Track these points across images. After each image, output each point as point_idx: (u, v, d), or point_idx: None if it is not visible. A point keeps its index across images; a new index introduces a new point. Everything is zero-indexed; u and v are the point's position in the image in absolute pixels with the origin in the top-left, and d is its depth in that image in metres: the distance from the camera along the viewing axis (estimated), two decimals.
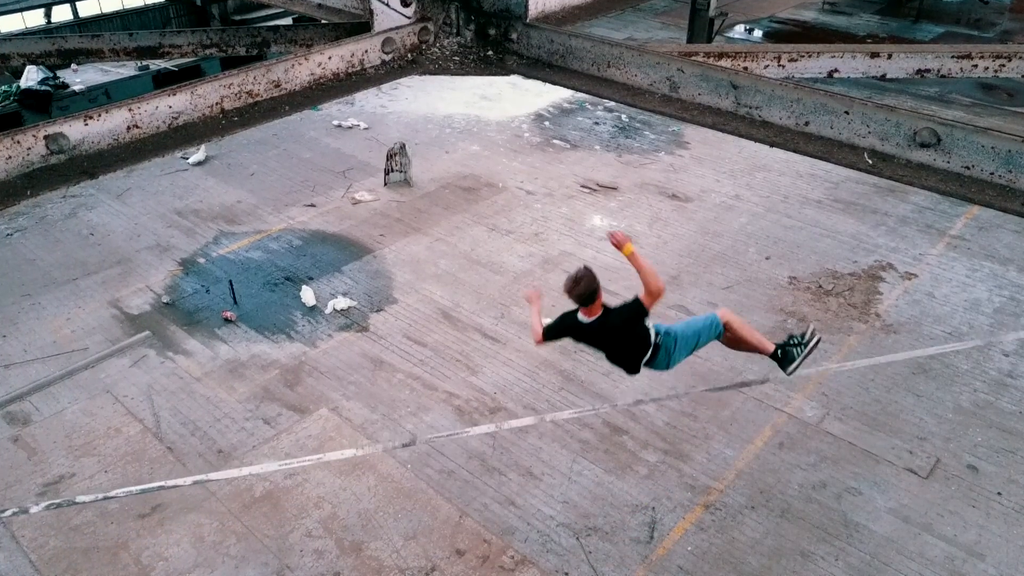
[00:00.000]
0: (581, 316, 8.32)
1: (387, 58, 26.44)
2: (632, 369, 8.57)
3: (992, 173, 19.94)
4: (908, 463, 12.30)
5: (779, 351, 8.70)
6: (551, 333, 8.56)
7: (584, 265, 8.07)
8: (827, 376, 13.94)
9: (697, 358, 13.79)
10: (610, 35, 30.24)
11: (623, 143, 22.45)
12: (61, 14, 34.94)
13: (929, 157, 21.40)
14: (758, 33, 33.41)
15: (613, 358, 8.67)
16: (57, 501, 11.62)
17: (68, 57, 26.00)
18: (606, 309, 8.26)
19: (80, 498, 11.62)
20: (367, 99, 25.25)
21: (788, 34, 32.54)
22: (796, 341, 8.69)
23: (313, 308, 15.62)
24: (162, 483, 11.89)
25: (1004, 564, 10.79)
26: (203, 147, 21.50)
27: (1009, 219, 18.50)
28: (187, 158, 21.31)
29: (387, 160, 20.10)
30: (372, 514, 11.45)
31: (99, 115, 21.65)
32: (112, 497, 11.67)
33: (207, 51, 26.07)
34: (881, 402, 13.42)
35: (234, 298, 15.80)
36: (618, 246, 7.75)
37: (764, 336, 8.73)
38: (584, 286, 8.00)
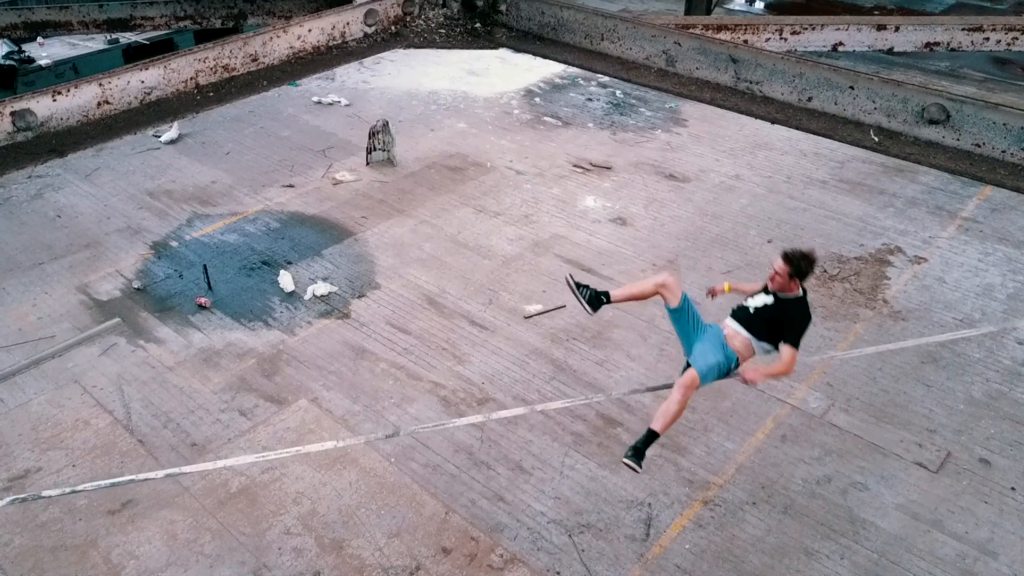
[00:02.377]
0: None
1: (370, 31, 26.35)
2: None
3: (1004, 151, 19.92)
4: (917, 457, 12.30)
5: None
6: None
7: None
8: (832, 365, 13.92)
9: None
10: (604, 7, 30.31)
11: (617, 120, 22.41)
12: None
13: (938, 134, 21.39)
14: (759, 4, 33.40)
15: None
16: (22, 496, 11.54)
17: (34, 29, 25.86)
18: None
19: (47, 493, 11.55)
20: (348, 74, 25.18)
21: (791, 5, 32.54)
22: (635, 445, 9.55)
23: (292, 294, 15.57)
24: (133, 477, 11.80)
25: (1018, 562, 10.79)
26: (176, 124, 21.44)
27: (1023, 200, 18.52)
28: (159, 136, 21.23)
29: (369, 138, 20.04)
30: (354, 510, 11.41)
31: (68, 91, 21.60)
32: (80, 492, 11.59)
33: (181, 23, 25.98)
34: (889, 392, 13.41)
35: (208, 283, 15.72)
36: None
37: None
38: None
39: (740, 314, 9.70)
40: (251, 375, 13.79)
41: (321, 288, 15.61)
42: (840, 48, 24.27)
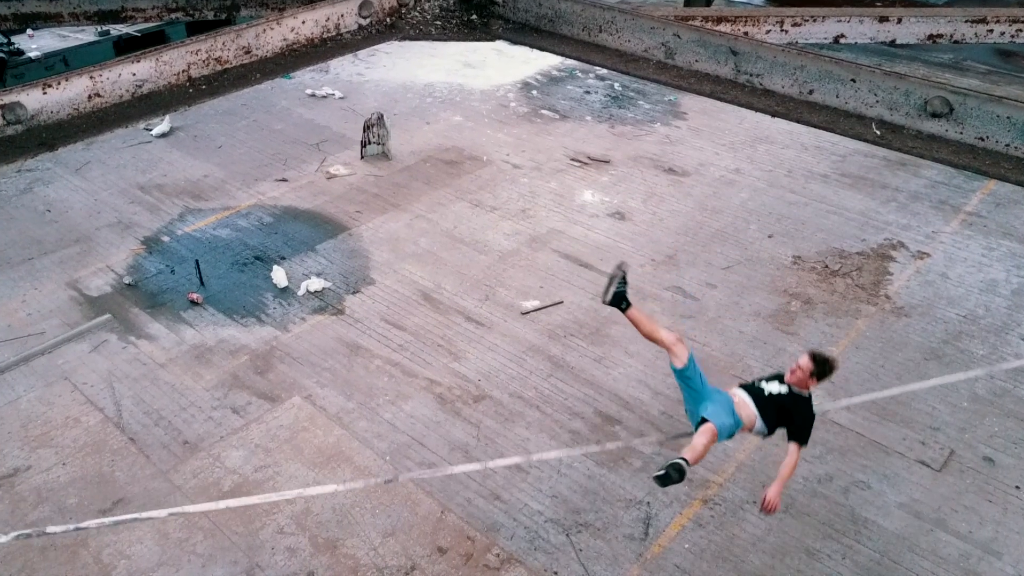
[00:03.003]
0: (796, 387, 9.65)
1: (364, 23, 26.34)
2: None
3: (1008, 145, 19.95)
4: (920, 455, 12.29)
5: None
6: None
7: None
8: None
9: (693, 342, 13.82)
10: None
11: (616, 113, 22.41)
12: None
13: (941, 128, 21.39)
14: None
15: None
16: (12, 495, 11.54)
17: (24, 21, 25.79)
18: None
19: (36, 492, 11.55)
20: (343, 66, 25.15)
21: None
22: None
23: (285, 290, 15.55)
24: (124, 475, 11.82)
25: (1023, 562, 10.79)
26: (167, 117, 21.38)
27: None
28: (151, 129, 21.22)
29: (364, 131, 20.02)
30: (348, 509, 11.41)
31: (59, 83, 21.57)
32: (71, 491, 11.60)
33: (173, 15, 25.91)
34: (891, 390, 13.39)
35: (200, 279, 15.71)
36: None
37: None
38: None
39: (753, 391, 9.71)
40: (244, 372, 13.77)
41: (315, 284, 15.60)
42: (842, 40, 24.21)
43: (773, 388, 9.67)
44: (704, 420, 9.43)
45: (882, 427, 12.74)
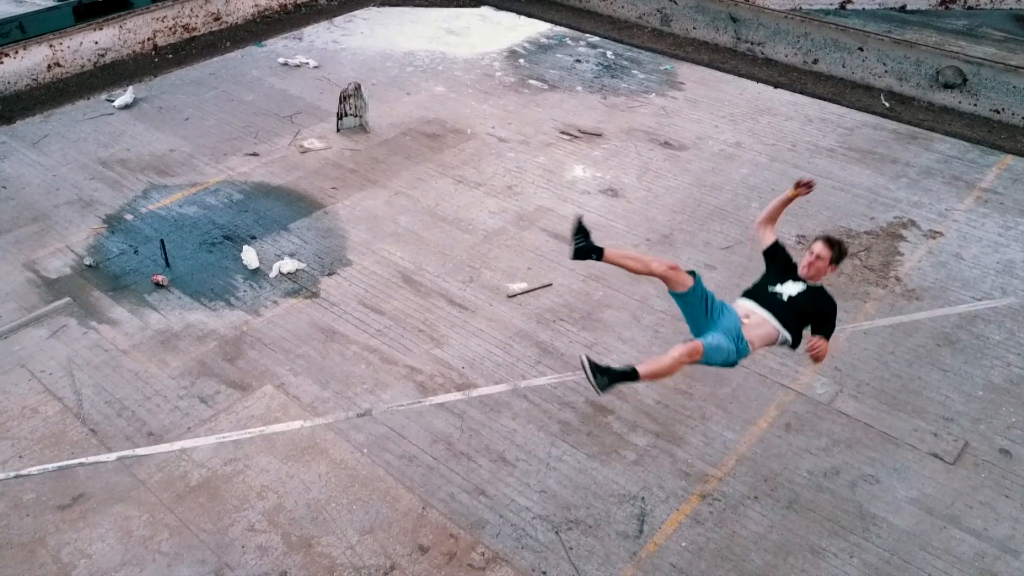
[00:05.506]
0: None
1: None
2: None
3: None
4: (932, 447, 12.29)
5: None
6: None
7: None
8: (840, 348, 13.90)
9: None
10: None
11: (608, 83, 22.36)
12: None
13: (954, 99, 21.35)
14: None
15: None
16: None
17: None
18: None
19: None
20: (318, 34, 25.09)
21: None
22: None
23: (256, 271, 15.50)
24: (85, 469, 11.77)
25: None
26: (131, 88, 21.32)
27: None
28: (113, 100, 21.12)
29: (340, 103, 19.94)
30: (323, 505, 11.37)
31: (16, 52, 21.45)
32: (28, 486, 11.54)
33: None
34: (902, 378, 13.40)
35: (166, 260, 15.64)
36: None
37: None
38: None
39: (767, 300, 9.66)
40: (212, 359, 13.72)
41: (288, 265, 15.54)
42: (848, 6, 24.21)
43: (791, 290, 9.67)
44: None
45: (892, 417, 12.73)
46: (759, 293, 9.93)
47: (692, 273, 9.67)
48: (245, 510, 11.30)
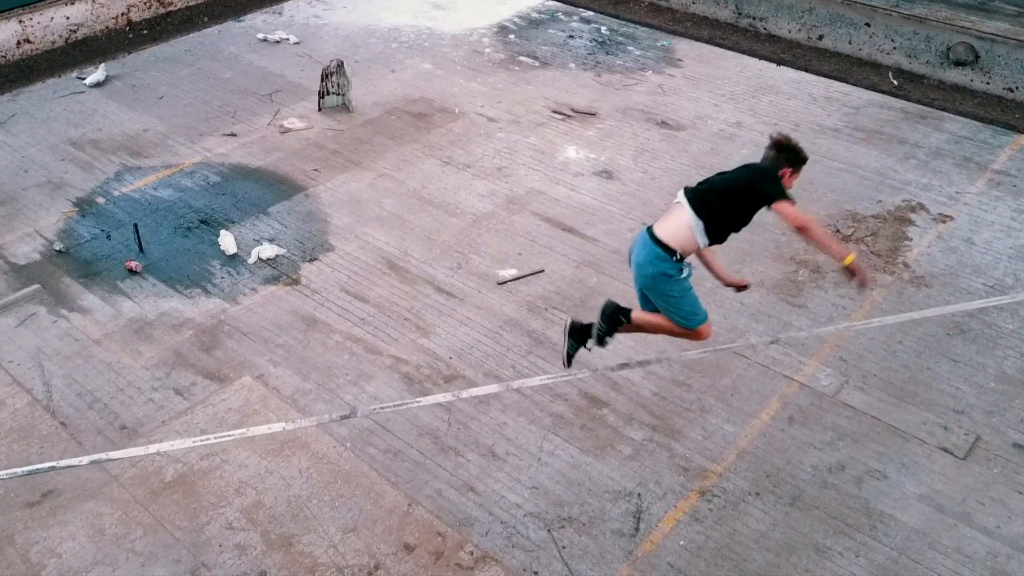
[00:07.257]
0: None
1: None
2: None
3: None
4: (942, 441, 12.28)
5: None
6: None
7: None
8: (846, 338, 13.90)
9: None
10: None
11: (603, 60, 22.34)
12: None
13: (965, 77, 21.36)
14: None
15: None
16: None
17: None
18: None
19: None
20: (298, 8, 25.05)
21: None
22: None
23: (234, 257, 15.47)
24: (54, 464, 11.75)
25: None
26: (103, 65, 21.27)
27: None
28: (84, 78, 21.08)
29: (322, 81, 19.90)
30: (304, 502, 11.36)
31: None
32: None
33: None
34: (910, 369, 13.40)
35: (140, 245, 15.61)
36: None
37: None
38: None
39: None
40: (188, 349, 13.69)
41: (267, 250, 15.51)
42: None
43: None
44: None
45: (900, 410, 12.72)
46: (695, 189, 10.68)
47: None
48: (222, 507, 11.28)
